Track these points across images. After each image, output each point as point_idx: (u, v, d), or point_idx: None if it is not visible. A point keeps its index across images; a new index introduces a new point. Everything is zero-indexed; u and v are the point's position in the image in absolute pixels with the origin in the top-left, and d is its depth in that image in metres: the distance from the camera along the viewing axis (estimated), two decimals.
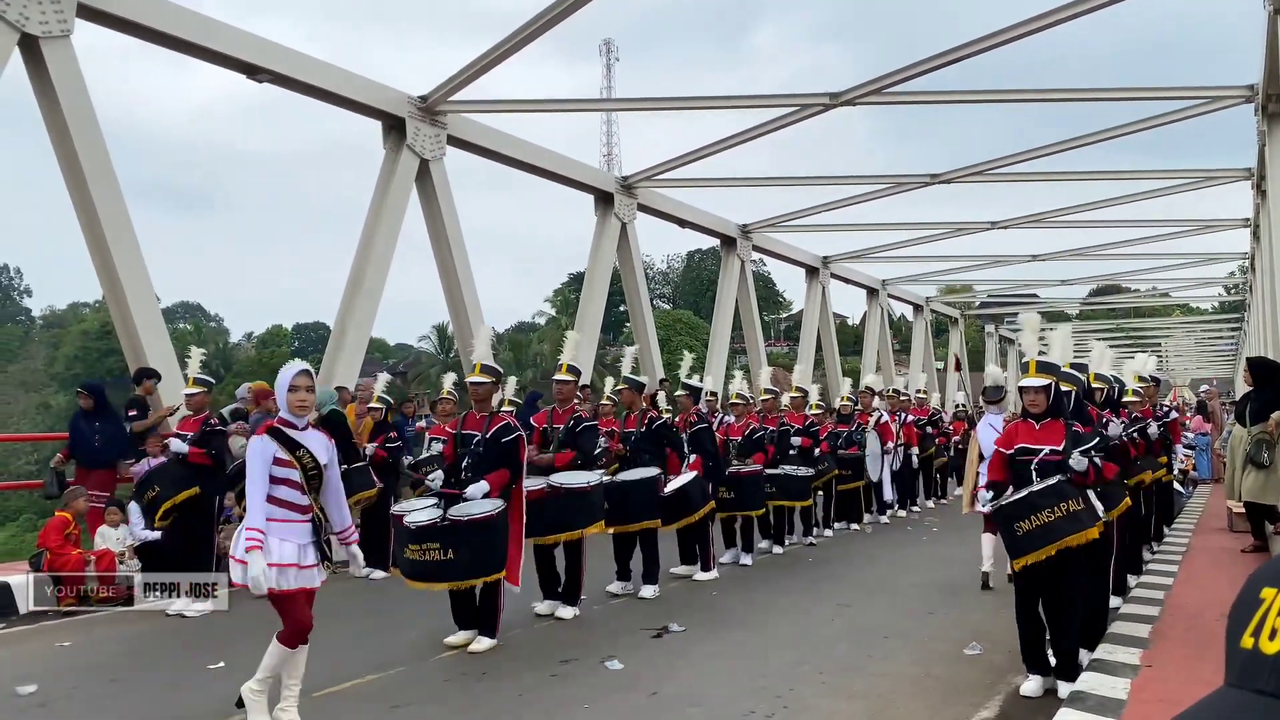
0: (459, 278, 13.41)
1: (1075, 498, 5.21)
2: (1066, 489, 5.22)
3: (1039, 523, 5.18)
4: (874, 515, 13.72)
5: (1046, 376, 5.47)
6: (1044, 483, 5.26)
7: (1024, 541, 5.24)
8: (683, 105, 15.33)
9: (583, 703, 5.31)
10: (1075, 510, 5.18)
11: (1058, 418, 5.49)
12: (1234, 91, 12.52)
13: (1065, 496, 5.20)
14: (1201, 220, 20.47)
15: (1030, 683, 5.40)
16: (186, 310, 77.74)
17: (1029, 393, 5.49)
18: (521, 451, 6.84)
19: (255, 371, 44.81)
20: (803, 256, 22.99)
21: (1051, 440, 5.41)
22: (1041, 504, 5.19)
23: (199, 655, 6.47)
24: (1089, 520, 5.22)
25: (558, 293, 68.95)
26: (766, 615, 7.64)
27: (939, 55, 11.87)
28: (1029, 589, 5.41)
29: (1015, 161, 15.79)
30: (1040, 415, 5.47)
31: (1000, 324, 35.55)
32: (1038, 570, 5.31)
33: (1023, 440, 5.53)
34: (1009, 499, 5.34)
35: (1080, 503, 5.21)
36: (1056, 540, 5.15)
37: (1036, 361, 5.54)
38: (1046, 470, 5.34)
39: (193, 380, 8.29)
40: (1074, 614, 5.44)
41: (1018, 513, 5.25)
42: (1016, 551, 5.31)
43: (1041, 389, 5.44)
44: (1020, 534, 5.24)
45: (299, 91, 11.61)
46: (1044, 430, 5.46)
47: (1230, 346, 37.47)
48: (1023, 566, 5.31)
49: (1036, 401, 5.46)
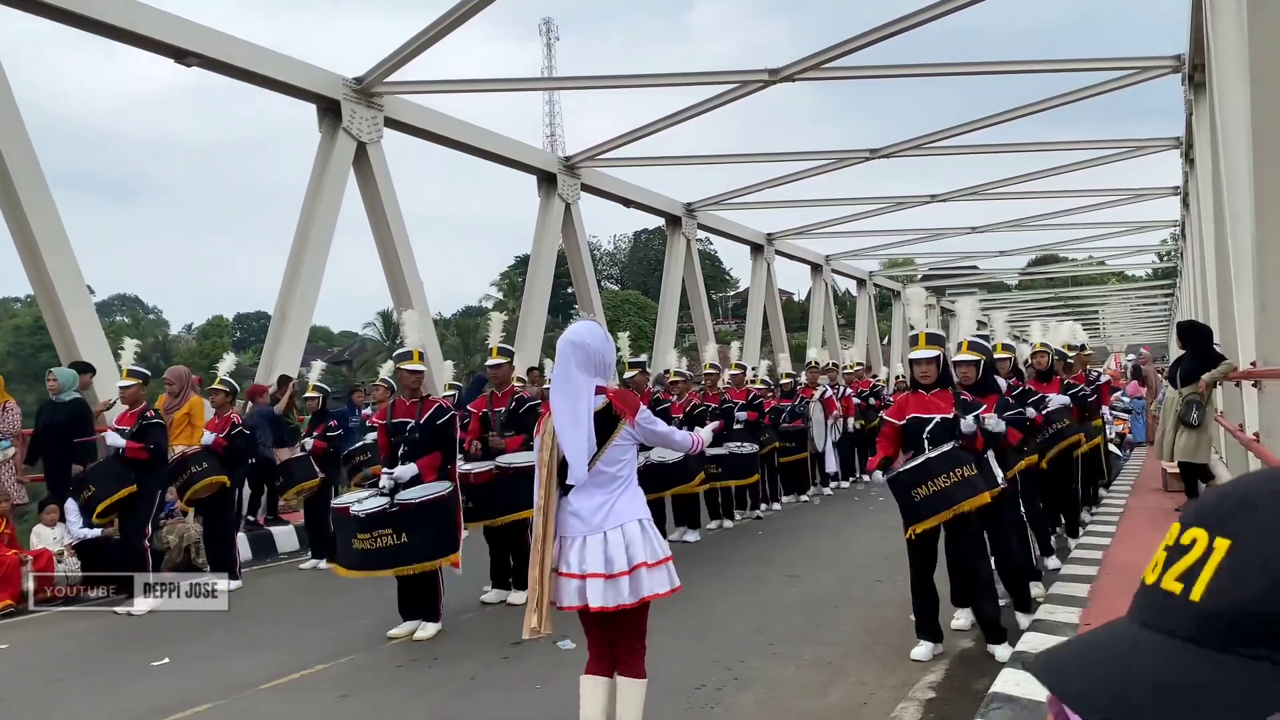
0: (400, 262, 13.28)
1: (969, 463, 5.33)
2: (960, 455, 5.34)
3: (935, 488, 5.28)
4: (818, 487, 13.89)
5: (935, 348, 5.61)
6: (938, 449, 5.37)
7: (922, 507, 5.35)
8: (623, 84, 15.27)
9: (535, 682, 5.32)
10: (969, 476, 5.29)
11: (946, 387, 5.62)
12: (1161, 62, 12.78)
13: (959, 462, 5.31)
14: (1134, 189, 20.93)
15: (920, 648, 5.52)
16: (123, 303, 75.95)
17: (920, 364, 5.61)
18: (455, 431, 6.79)
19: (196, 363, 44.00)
20: (747, 234, 23.09)
21: (942, 409, 5.53)
22: (937, 470, 5.30)
23: (143, 653, 6.36)
24: (983, 485, 5.35)
25: (505, 276, 68.53)
26: (718, 589, 7.70)
27: (875, 30, 11.96)
28: (923, 556, 5.53)
29: (952, 135, 15.99)
30: (930, 385, 5.60)
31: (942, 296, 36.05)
32: (933, 538, 5.46)
33: (914, 410, 5.63)
34: (906, 466, 5.44)
35: (973, 468, 5.33)
36: (952, 505, 5.27)
37: (926, 334, 5.67)
38: (939, 438, 5.44)
39: (126, 372, 8.09)
40: (983, 577, 5.58)
41: (914, 479, 5.36)
42: (914, 517, 5.40)
43: (931, 360, 5.57)
44: (918, 500, 5.35)
45: (229, 75, 11.37)
46: (934, 399, 5.59)
47: (1164, 312, 38.42)
48: (918, 534, 5.42)
49: (928, 373, 5.58)
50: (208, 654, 6.33)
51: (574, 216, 16.90)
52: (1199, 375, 8.44)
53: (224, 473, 8.42)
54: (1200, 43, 9.81)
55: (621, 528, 3.84)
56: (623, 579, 3.78)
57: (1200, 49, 9.97)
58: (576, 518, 3.87)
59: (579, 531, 3.86)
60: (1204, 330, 9.13)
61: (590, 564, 3.80)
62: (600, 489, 3.88)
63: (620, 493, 3.91)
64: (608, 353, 4.02)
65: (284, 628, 7.03)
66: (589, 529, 3.84)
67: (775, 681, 5.23)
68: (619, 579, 3.78)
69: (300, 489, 9.63)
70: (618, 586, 3.78)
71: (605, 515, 3.84)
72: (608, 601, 3.79)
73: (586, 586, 3.80)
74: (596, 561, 3.80)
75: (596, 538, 3.83)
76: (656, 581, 3.85)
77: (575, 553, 3.84)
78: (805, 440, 13.03)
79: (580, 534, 3.85)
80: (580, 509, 3.87)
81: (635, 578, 3.80)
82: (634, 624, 3.94)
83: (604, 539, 3.82)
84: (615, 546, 3.80)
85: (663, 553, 3.92)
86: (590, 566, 3.80)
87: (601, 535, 3.82)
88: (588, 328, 4.02)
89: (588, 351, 3.92)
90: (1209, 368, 8.40)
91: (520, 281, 23.62)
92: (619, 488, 3.91)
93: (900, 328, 31.48)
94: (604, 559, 3.79)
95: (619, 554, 3.79)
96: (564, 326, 4.29)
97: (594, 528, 3.84)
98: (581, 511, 3.87)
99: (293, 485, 9.71)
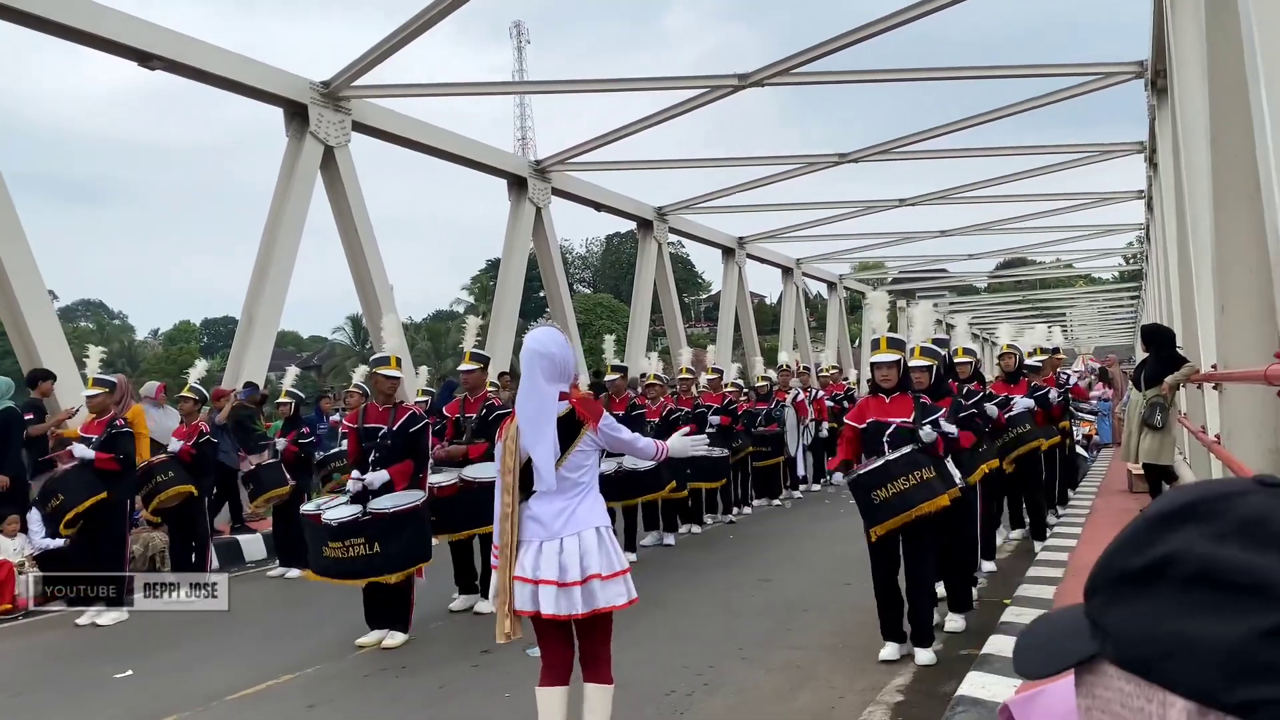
0: (368, 266, 13.20)
1: (927, 466, 5.39)
2: (919, 458, 5.40)
3: (895, 490, 5.35)
4: (789, 491, 13.93)
5: (896, 352, 5.68)
6: (898, 452, 5.43)
7: (881, 510, 5.40)
8: (593, 88, 15.28)
9: (504, 691, 5.28)
10: (928, 479, 5.36)
11: (906, 392, 5.68)
12: (1125, 67, 12.94)
13: (918, 465, 5.37)
14: (1100, 193, 21.17)
15: (887, 649, 5.57)
16: (87, 308, 74.80)
17: (881, 368, 5.68)
18: (428, 440, 6.74)
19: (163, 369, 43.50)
20: (719, 238, 23.15)
21: (901, 413, 5.59)
22: (896, 472, 5.36)
23: (106, 665, 6.26)
24: (941, 488, 5.41)
25: (476, 280, 68.22)
26: (688, 594, 7.70)
27: (844, 35, 12.03)
28: (886, 558, 5.58)
29: (920, 139, 16.11)
30: (890, 390, 5.65)
31: (912, 299, 36.33)
32: (895, 540, 5.51)
33: (874, 414, 5.70)
34: (866, 469, 5.49)
35: (932, 471, 5.39)
36: (911, 508, 5.34)
37: (887, 338, 5.74)
38: (898, 441, 5.51)
39: (92, 381, 7.96)
40: (929, 582, 5.66)
41: (874, 481, 5.41)
42: (874, 520, 5.46)
43: (892, 364, 5.63)
44: (877, 502, 5.41)
45: (194, 79, 11.26)
46: (894, 404, 5.64)
47: (1131, 315, 38.88)
48: (879, 537, 5.47)
49: (888, 377, 5.64)
50: (172, 665, 6.25)
51: (545, 220, 16.86)
52: (1162, 378, 8.54)
53: (191, 481, 8.32)
54: (1162, 49, 9.95)
55: (579, 535, 3.83)
56: (575, 589, 3.77)
57: (1162, 55, 10.11)
58: (536, 522, 3.86)
59: (537, 536, 3.85)
60: (1167, 333, 9.24)
61: (545, 570, 3.79)
62: (562, 495, 3.87)
63: (581, 499, 3.90)
64: (570, 359, 4.01)
65: (251, 637, 6.95)
66: (547, 534, 3.83)
67: (745, 686, 5.24)
68: (571, 588, 3.77)
69: (270, 496, 9.53)
70: (570, 595, 3.78)
71: (565, 521, 3.84)
72: (559, 609, 3.78)
73: (539, 591, 3.79)
74: (551, 568, 3.79)
75: (553, 544, 3.82)
76: (612, 594, 3.83)
77: (531, 557, 3.83)
78: (781, 444, 13.07)
79: (538, 539, 3.85)
80: (540, 514, 3.86)
81: (588, 589, 3.78)
82: (598, 631, 3.92)
83: (560, 545, 3.81)
84: (570, 555, 3.79)
85: (619, 565, 3.90)
86: (544, 572, 3.79)
87: (558, 542, 3.82)
88: (550, 335, 4.01)
89: (553, 360, 3.91)
90: (1172, 370, 8.50)
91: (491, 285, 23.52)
92: (580, 494, 3.90)
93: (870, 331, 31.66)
94: (558, 566, 3.79)
95: (573, 562, 3.78)
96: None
97: (553, 533, 3.83)
98: (541, 516, 3.86)
99: (263, 492, 9.61)
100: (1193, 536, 0.64)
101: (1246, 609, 0.59)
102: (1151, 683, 0.62)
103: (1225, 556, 0.62)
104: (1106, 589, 0.68)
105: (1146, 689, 0.63)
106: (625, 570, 3.93)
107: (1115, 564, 0.68)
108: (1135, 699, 0.63)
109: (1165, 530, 0.66)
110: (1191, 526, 0.65)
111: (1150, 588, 0.64)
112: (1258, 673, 0.58)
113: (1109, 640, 0.66)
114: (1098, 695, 0.67)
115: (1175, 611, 0.62)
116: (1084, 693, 0.68)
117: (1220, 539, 0.63)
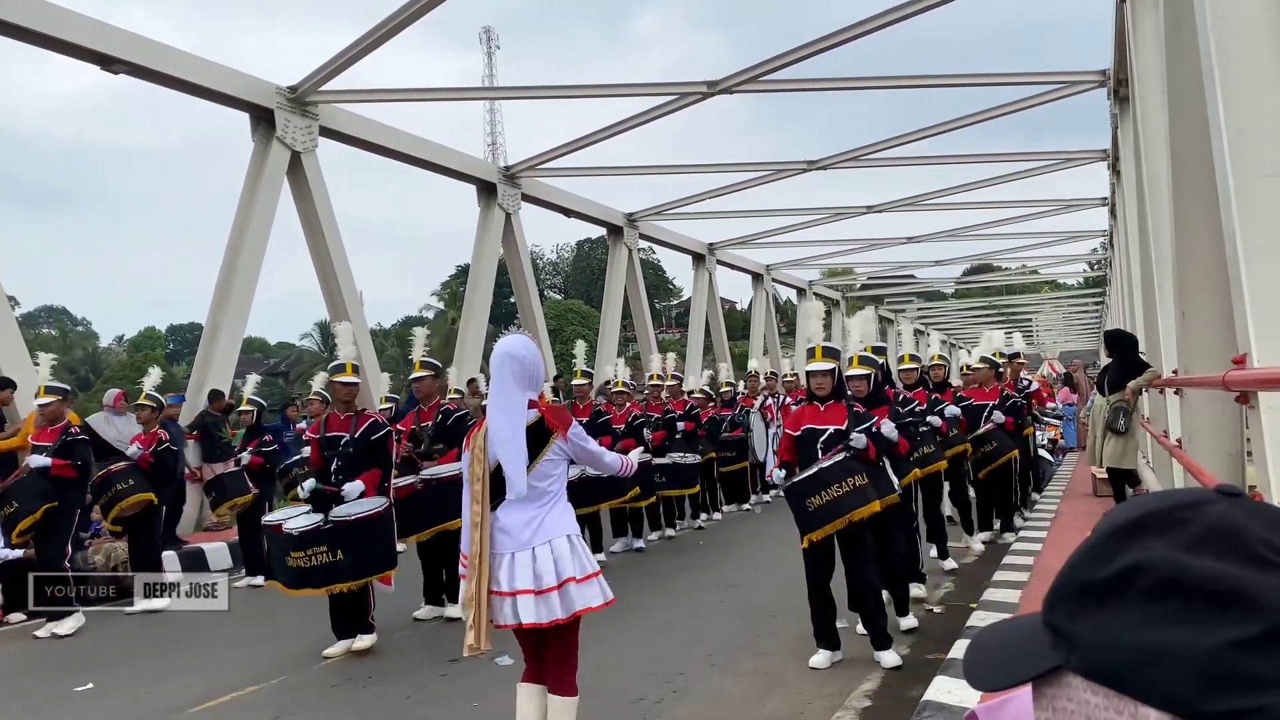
0: (335, 272, 13.11)
1: (860, 473, 5.46)
2: (852, 465, 5.47)
3: (828, 498, 5.42)
4: (758, 496, 13.96)
5: (831, 361, 5.75)
6: (831, 459, 5.49)
7: (815, 516, 5.46)
8: (563, 94, 15.23)
9: (472, 700, 5.25)
10: (860, 485, 5.44)
11: (840, 400, 5.76)
12: (1088, 76, 13.13)
13: (851, 472, 5.44)
14: (1065, 200, 21.45)
15: (818, 656, 5.62)
16: (50, 314, 73.71)
17: (815, 376, 5.75)
18: (391, 447, 6.70)
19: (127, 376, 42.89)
20: (689, 244, 23.18)
21: (835, 420, 5.66)
22: (830, 479, 5.43)
23: (65, 677, 6.15)
24: (874, 494, 5.49)
25: (446, 285, 67.84)
26: (658, 600, 7.69)
27: (813, 43, 12.10)
28: (820, 565, 5.62)
29: (888, 146, 16.22)
30: (825, 398, 5.71)
31: (880, 304, 36.60)
32: (830, 547, 5.57)
33: (809, 422, 5.76)
34: (800, 477, 5.55)
35: (864, 478, 5.47)
36: (844, 514, 5.41)
37: (822, 347, 5.81)
38: (831, 449, 5.57)
39: (44, 389, 7.80)
40: (875, 585, 5.72)
41: (808, 488, 5.47)
42: (808, 526, 5.52)
43: (827, 373, 5.70)
44: (811, 509, 5.46)
45: (158, 83, 11.14)
46: (829, 411, 5.71)
47: (1095, 320, 39.37)
48: (813, 543, 5.53)
49: (823, 385, 5.72)
50: (134, 677, 6.15)
51: (515, 226, 16.82)
52: (1125, 383, 8.64)
53: (150, 490, 8.21)
54: (1124, 59, 10.09)
55: (550, 544, 3.82)
56: (553, 594, 3.76)
57: (1124, 64, 10.25)
58: (505, 534, 3.83)
59: (507, 548, 3.82)
60: (1130, 339, 9.37)
61: (520, 581, 3.77)
62: (530, 504, 3.85)
63: (549, 508, 3.88)
64: (539, 365, 4.00)
65: (214, 648, 6.86)
66: (517, 545, 3.81)
67: (714, 693, 5.24)
68: (549, 594, 3.76)
69: (234, 504, 9.42)
70: (549, 602, 3.76)
71: (534, 531, 3.82)
72: (541, 617, 3.76)
73: (518, 603, 3.77)
74: (525, 578, 3.77)
75: (525, 554, 3.80)
76: (588, 595, 3.83)
77: (505, 570, 3.81)
78: (746, 450, 13.09)
79: (509, 550, 3.82)
80: (509, 525, 3.84)
81: (565, 593, 3.78)
82: (565, 641, 3.91)
83: (532, 555, 3.79)
84: (544, 562, 3.78)
85: (591, 568, 3.91)
86: (520, 583, 3.77)
87: (530, 552, 3.80)
88: (521, 341, 4.00)
89: (523, 364, 3.90)
90: (1135, 375, 8.61)
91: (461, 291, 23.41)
92: (549, 503, 3.89)
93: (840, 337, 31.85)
94: (533, 575, 3.77)
95: (547, 569, 3.77)
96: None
97: (522, 544, 3.81)
98: (510, 528, 3.83)
99: (225, 500, 9.50)
100: (1160, 546, 0.64)
101: (1220, 619, 0.59)
102: (1123, 694, 0.62)
103: (1197, 566, 0.62)
104: (1071, 600, 0.67)
105: (1116, 700, 0.62)
106: (598, 572, 3.93)
107: (1079, 575, 0.67)
108: (1103, 711, 0.63)
109: (1130, 540, 0.66)
110: (1157, 537, 0.64)
111: (1118, 598, 0.64)
112: (1232, 682, 0.58)
113: (1075, 651, 0.65)
114: (1060, 708, 0.66)
115: (1145, 622, 0.62)
116: (1043, 705, 0.67)
117: (1189, 549, 0.63)
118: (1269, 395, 3.47)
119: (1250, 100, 3.67)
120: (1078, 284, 43.96)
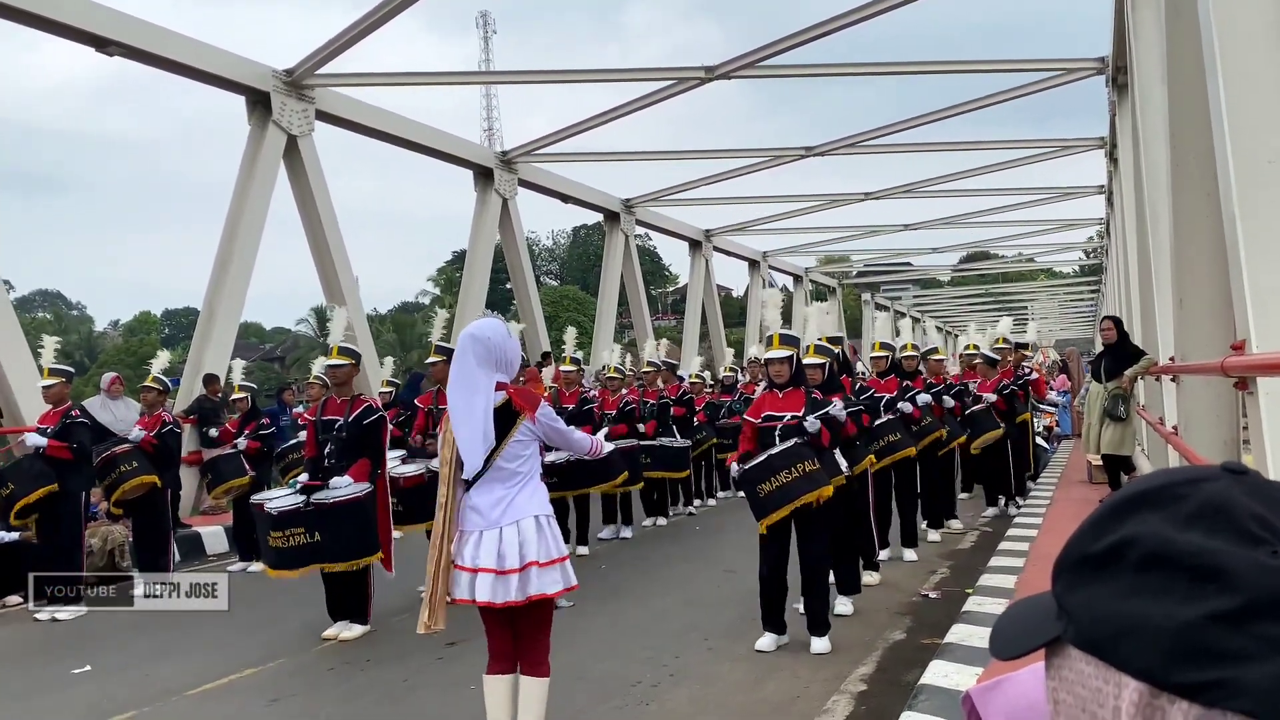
0: (332, 257, 13.07)
1: (811, 459, 5.53)
2: (803, 451, 5.54)
3: (778, 484, 5.49)
4: None
5: (789, 349, 5.82)
6: (781, 446, 5.56)
7: (766, 502, 5.53)
8: (560, 79, 15.17)
9: (469, 684, 5.25)
10: (811, 470, 5.51)
11: (799, 387, 5.82)
12: (1086, 64, 13.09)
13: (801, 458, 5.51)
14: (1062, 188, 21.42)
15: (765, 639, 5.71)
16: (45, 298, 73.54)
17: (774, 364, 5.82)
18: (384, 434, 6.70)
19: (123, 360, 42.85)
20: (686, 230, 23.14)
21: (793, 407, 5.74)
22: (779, 466, 5.50)
23: (65, 660, 6.16)
24: (824, 479, 5.57)
25: (442, 271, 67.72)
26: (654, 586, 7.71)
27: (811, 28, 12.05)
28: (773, 550, 5.69)
29: (886, 133, 16.17)
30: (784, 385, 5.79)
31: (877, 292, 36.62)
32: (784, 532, 5.64)
33: (769, 409, 5.85)
34: (751, 464, 5.62)
35: (815, 463, 5.54)
36: (794, 499, 5.47)
37: (780, 335, 5.88)
38: (789, 435, 5.64)
39: (48, 371, 7.82)
40: (822, 571, 5.81)
41: (759, 475, 5.55)
42: (760, 512, 5.59)
43: (784, 360, 5.77)
44: (762, 495, 5.54)
45: (153, 65, 11.07)
46: (787, 398, 5.79)
47: (1091, 308, 39.38)
48: (768, 527, 5.59)
49: (780, 372, 5.79)
50: (132, 660, 6.16)
51: (511, 212, 16.77)
52: (1121, 370, 8.66)
53: (154, 472, 8.18)
54: (1123, 46, 10.06)
55: (518, 524, 3.86)
56: (512, 576, 3.80)
57: (1123, 52, 10.22)
58: (475, 512, 3.89)
59: (476, 526, 3.88)
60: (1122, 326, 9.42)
61: (483, 559, 3.82)
62: (500, 484, 3.89)
63: (520, 488, 3.92)
64: (510, 349, 4.01)
65: (211, 632, 6.86)
66: (486, 524, 3.86)
67: (710, 677, 5.26)
68: (509, 576, 3.80)
69: (230, 487, 9.43)
70: (507, 583, 3.80)
71: (503, 511, 3.86)
72: (495, 597, 3.80)
73: (476, 580, 3.81)
74: (489, 556, 3.82)
75: (493, 533, 3.85)
76: (547, 581, 3.87)
77: (471, 546, 3.87)
78: None
79: (478, 528, 3.87)
80: (479, 504, 3.89)
81: (524, 576, 3.82)
82: (536, 621, 3.94)
83: (499, 535, 3.84)
84: (509, 543, 3.82)
85: (557, 552, 3.94)
86: (483, 561, 3.82)
87: (498, 531, 3.85)
88: (489, 324, 4.03)
89: (488, 346, 3.91)
90: (1129, 363, 8.63)
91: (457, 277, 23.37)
92: (519, 483, 3.93)
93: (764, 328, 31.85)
94: (496, 554, 3.81)
95: (512, 551, 3.81)
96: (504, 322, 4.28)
97: (491, 523, 3.85)
98: (480, 506, 3.88)
99: (221, 483, 9.51)
100: (1153, 520, 0.65)
101: (1199, 592, 0.60)
102: (1108, 664, 0.63)
103: (1182, 540, 0.62)
104: (1070, 572, 0.69)
105: (1104, 670, 0.63)
106: (564, 558, 3.98)
107: (1078, 547, 0.69)
108: (1093, 679, 0.64)
109: (1127, 514, 0.66)
110: (1153, 511, 0.65)
111: (1109, 570, 0.65)
112: (1204, 655, 0.58)
113: (1071, 622, 0.66)
114: (1063, 676, 0.68)
115: (1129, 593, 0.63)
116: (1051, 674, 0.69)
117: (1180, 524, 0.63)
118: (1268, 381, 3.47)
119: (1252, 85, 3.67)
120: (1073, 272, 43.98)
